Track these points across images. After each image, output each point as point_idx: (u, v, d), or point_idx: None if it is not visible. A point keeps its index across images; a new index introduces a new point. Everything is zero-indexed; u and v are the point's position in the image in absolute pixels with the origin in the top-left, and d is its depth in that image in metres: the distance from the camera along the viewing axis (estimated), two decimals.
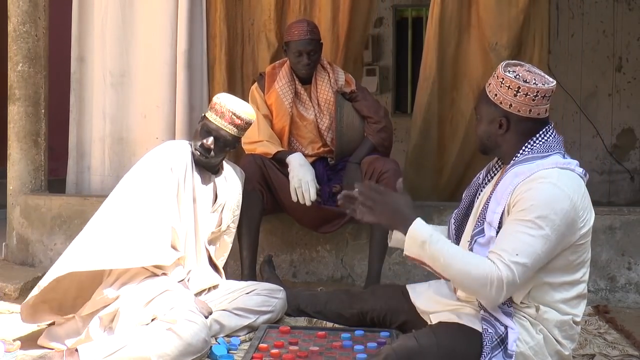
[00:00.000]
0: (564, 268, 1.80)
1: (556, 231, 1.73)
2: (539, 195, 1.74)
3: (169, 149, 2.41)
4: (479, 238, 1.85)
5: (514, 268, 1.70)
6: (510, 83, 1.83)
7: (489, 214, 1.84)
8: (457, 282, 1.82)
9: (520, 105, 1.83)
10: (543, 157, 1.82)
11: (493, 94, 1.87)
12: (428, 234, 1.77)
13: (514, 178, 1.81)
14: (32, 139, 3.63)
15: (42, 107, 3.67)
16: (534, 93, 1.82)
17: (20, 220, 3.56)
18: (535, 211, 1.72)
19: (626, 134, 5.86)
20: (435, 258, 1.75)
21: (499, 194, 1.83)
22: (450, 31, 3.45)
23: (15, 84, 3.62)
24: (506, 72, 1.84)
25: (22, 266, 3.48)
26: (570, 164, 1.83)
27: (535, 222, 1.72)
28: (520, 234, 1.73)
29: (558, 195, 1.74)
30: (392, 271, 3.10)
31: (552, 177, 1.76)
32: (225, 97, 2.43)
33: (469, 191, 2.06)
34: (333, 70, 3.10)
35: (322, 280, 3.20)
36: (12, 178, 3.63)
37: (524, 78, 1.82)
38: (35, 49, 3.64)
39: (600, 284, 2.91)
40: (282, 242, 3.21)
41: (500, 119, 1.86)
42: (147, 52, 3.60)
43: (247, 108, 2.44)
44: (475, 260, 1.75)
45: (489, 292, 1.71)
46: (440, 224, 3.08)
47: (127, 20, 3.64)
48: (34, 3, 3.63)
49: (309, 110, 3.07)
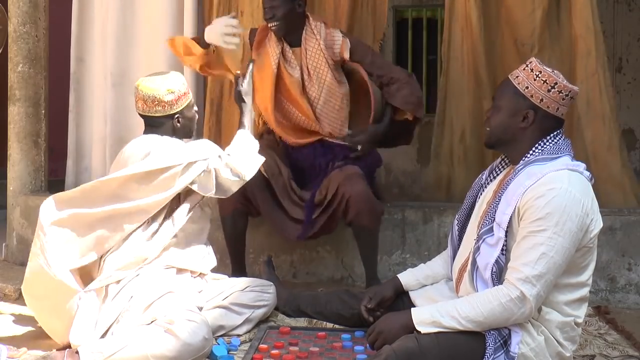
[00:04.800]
0: (570, 269, 1.80)
1: (573, 238, 1.74)
2: (553, 203, 1.73)
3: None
4: (487, 237, 1.84)
5: (536, 282, 1.71)
6: (547, 77, 1.82)
7: (498, 214, 1.83)
8: (490, 325, 1.77)
9: (551, 101, 1.83)
10: (553, 159, 1.82)
11: (524, 86, 1.85)
12: (429, 313, 1.81)
13: (526, 179, 1.79)
14: (32, 139, 3.63)
15: (42, 108, 3.67)
16: (567, 92, 1.83)
17: (20, 220, 3.56)
18: (551, 220, 1.72)
19: (626, 134, 5.85)
20: (454, 320, 1.77)
21: (509, 194, 1.82)
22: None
23: (16, 85, 3.62)
24: (543, 66, 1.83)
25: (22, 267, 3.44)
26: (579, 166, 1.83)
27: (553, 232, 1.72)
28: (539, 246, 1.72)
29: (571, 200, 1.73)
30: (392, 271, 3.09)
31: (564, 181, 1.75)
32: (177, 77, 2.46)
33: (471, 192, 2.06)
34: (325, 34, 2.88)
35: (322, 281, 3.20)
36: (12, 179, 3.63)
37: (558, 75, 1.83)
38: (36, 49, 3.64)
39: (601, 285, 2.90)
40: (282, 242, 3.21)
41: (526, 112, 1.84)
42: (147, 52, 3.60)
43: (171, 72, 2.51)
44: (490, 295, 1.76)
45: (521, 313, 1.74)
46: (441, 225, 3.10)
47: (128, 21, 3.63)
48: (34, 4, 3.63)
49: (295, 70, 2.89)
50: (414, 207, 3.19)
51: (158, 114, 2.39)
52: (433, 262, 2.21)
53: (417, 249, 3.12)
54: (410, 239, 3.13)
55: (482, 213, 1.93)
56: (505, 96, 1.89)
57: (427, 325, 1.80)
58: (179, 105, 2.40)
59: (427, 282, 2.16)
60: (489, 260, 1.81)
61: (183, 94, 2.41)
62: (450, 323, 1.78)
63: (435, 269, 2.18)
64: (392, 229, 3.13)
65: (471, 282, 1.88)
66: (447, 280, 2.12)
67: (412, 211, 3.15)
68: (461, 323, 1.77)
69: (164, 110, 2.38)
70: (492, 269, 1.80)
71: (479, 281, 1.85)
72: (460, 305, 1.79)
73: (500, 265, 1.80)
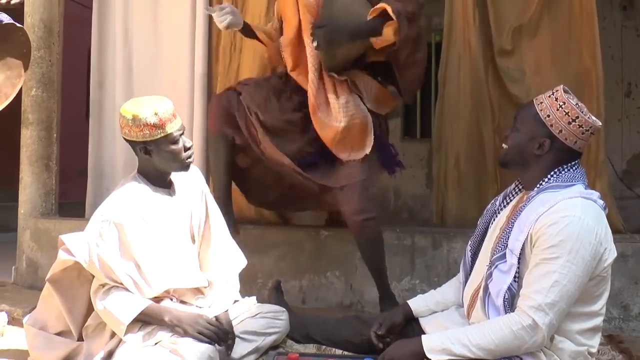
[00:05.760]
0: (584, 299, 1.78)
1: (586, 266, 1.71)
2: (566, 231, 1.71)
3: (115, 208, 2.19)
4: (500, 264, 1.82)
5: (548, 311, 1.69)
6: (570, 109, 1.80)
7: (511, 240, 1.81)
8: (502, 353, 1.75)
9: (570, 134, 1.80)
10: (567, 187, 1.80)
11: (545, 114, 1.83)
12: (439, 340, 1.79)
13: (539, 206, 1.78)
14: (44, 162, 3.66)
15: (54, 131, 3.71)
16: (588, 127, 1.80)
17: (30, 243, 3.58)
18: (564, 247, 1.70)
19: (637, 159, 5.83)
20: (464, 348, 1.75)
21: (522, 221, 1.80)
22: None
23: (29, 109, 3.67)
24: (568, 98, 1.81)
25: (31, 290, 3.48)
26: (593, 194, 1.81)
27: (566, 260, 1.70)
28: (552, 274, 1.70)
29: (584, 228, 1.71)
30: (402, 297, 3.07)
31: (577, 209, 1.73)
32: (157, 106, 2.16)
33: (483, 218, 2.05)
34: None
35: (331, 307, 3.18)
36: (24, 202, 3.66)
37: (581, 109, 1.80)
38: (49, 74, 3.70)
39: (614, 313, 2.87)
40: (291, 268, 3.20)
41: (542, 140, 1.83)
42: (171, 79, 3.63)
43: (158, 97, 2.25)
44: (501, 323, 1.74)
45: (533, 341, 1.71)
46: (450, 250, 3.08)
47: (152, 52, 3.69)
48: (48, 29, 3.69)
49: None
50: (424, 233, 3.18)
51: (126, 137, 2.19)
52: (443, 288, 2.19)
53: (426, 275, 3.10)
54: (419, 264, 3.12)
55: (495, 239, 1.91)
56: (525, 119, 1.87)
57: (437, 352, 1.78)
58: (145, 135, 2.13)
59: (438, 309, 2.14)
60: (501, 287, 1.80)
61: (152, 124, 2.12)
62: (460, 351, 1.75)
63: (445, 295, 2.16)
64: (401, 254, 3.11)
65: (483, 308, 1.86)
66: (457, 307, 2.10)
67: (421, 237, 3.14)
68: (472, 351, 1.75)
69: (128, 136, 2.16)
70: (505, 296, 1.78)
71: (490, 308, 1.84)
72: (471, 333, 1.77)
73: (513, 292, 1.78)
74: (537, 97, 1.89)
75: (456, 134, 3.42)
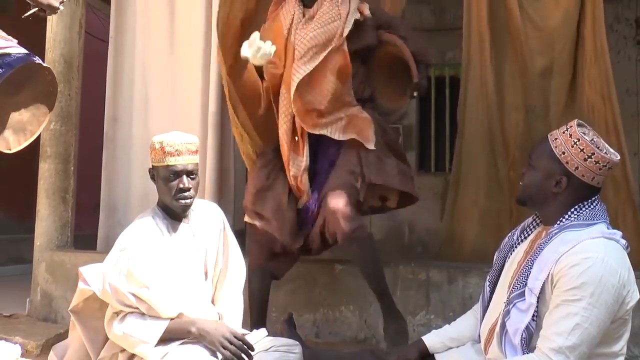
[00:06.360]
0: (604, 340, 1.73)
1: (609, 309, 1.67)
2: (589, 273, 1.67)
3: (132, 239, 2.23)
4: (518, 302, 1.78)
5: (569, 354, 1.65)
6: (585, 146, 1.76)
7: (530, 279, 1.77)
8: None
9: (587, 170, 1.77)
10: (589, 225, 1.76)
11: (560, 151, 1.79)
12: None
13: (561, 245, 1.74)
14: (61, 195, 3.70)
15: (71, 165, 3.76)
16: (605, 163, 1.76)
17: (45, 276, 3.59)
18: (586, 290, 1.66)
19: None
20: None
21: (543, 260, 1.76)
22: None
23: (47, 142, 3.71)
24: (582, 133, 1.77)
25: (45, 322, 3.49)
26: (615, 234, 1.77)
27: (588, 302, 1.66)
28: (573, 316, 1.66)
29: (607, 270, 1.67)
30: (417, 332, 3.03)
31: (600, 251, 1.69)
32: (169, 136, 2.25)
33: (500, 252, 2.02)
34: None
35: (345, 341, 3.14)
36: (40, 234, 3.68)
37: (597, 144, 1.76)
38: (68, 107, 3.75)
39: (635, 351, 2.80)
40: (305, 301, 3.17)
41: (560, 178, 1.79)
42: (185, 116, 3.67)
43: (188, 134, 2.32)
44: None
45: None
46: (465, 285, 3.04)
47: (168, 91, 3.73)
48: (68, 64, 3.77)
49: (309, 25, 2.76)
50: (438, 267, 3.15)
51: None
52: (457, 323, 2.16)
53: (441, 310, 3.06)
54: (434, 299, 3.08)
55: (513, 273, 1.88)
56: (541, 157, 1.84)
57: None
58: (152, 159, 2.26)
59: (452, 345, 2.10)
60: (519, 326, 1.76)
61: (155, 150, 2.24)
62: None
63: (460, 331, 2.12)
64: (416, 288, 3.08)
65: (499, 345, 1.83)
66: (473, 343, 2.06)
67: (436, 271, 3.11)
68: None
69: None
70: (522, 335, 1.74)
71: (507, 346, 1.80)
72: None
73: (531, 331, 1.74)
74: (552, 133, 1.86)
75: (475, 170, 3.44)
